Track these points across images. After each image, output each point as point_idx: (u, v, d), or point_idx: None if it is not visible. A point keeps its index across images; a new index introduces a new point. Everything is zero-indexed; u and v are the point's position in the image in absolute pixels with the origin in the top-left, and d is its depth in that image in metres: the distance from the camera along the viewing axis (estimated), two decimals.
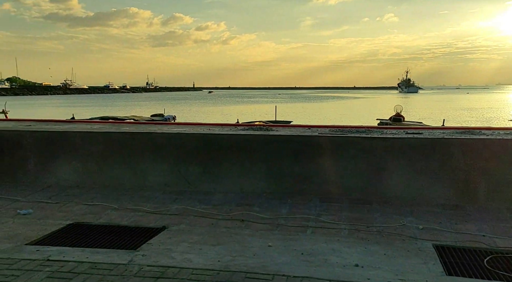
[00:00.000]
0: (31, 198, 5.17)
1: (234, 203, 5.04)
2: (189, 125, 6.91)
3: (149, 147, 5.64)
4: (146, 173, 5.62)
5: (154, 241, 3.92)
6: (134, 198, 5.22)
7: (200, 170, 5.49)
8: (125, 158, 5.67)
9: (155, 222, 4.47)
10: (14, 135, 5.80)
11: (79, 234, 4.15)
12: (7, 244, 3.76)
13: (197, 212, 4.74)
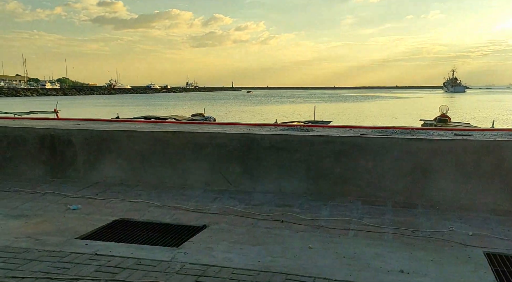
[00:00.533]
0: (80, 194, 5.40)
1: (273, 203, 5.03)
2: (229, 125, 6.98)
3: (190, 146, 5.73)
4: (187, 172, 5.72)
5: (195, 239, 3.98)
6: (176, 196, 5.33)
7: (240, 169, 5.52)
8: (167, 157, 5.80)
9: (196, 221, 4.54)
10: (65, 133, 6.08)
11: (124, 230, 4.29)
12: (59, 237, 3.95)
13: (237, 211, 4.77)
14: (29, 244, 3.73)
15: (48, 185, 5.74)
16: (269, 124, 6.90)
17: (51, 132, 6.10)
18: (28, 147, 6.12)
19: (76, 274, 3.14)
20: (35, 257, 3.45)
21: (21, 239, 3.87)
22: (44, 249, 3.62)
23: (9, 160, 6.15)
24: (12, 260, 3.38)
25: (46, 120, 8.20)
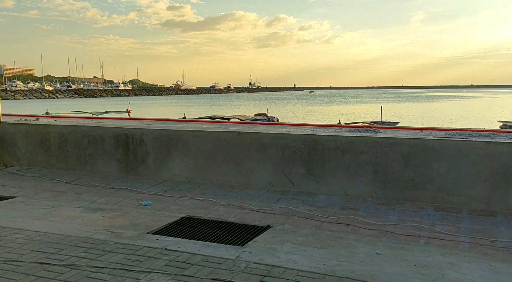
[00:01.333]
0: (150, 191, 5.69)
1: (338, 206, 4.93)
2: (293, 125, 6.95)
3: (254, 147, 5.79)
4: (251, 172, 5.79)
5: (259, 239, 4.01)
6: (240, 195, 5.42)
7: (304, 171, 5.48)
8: (232, 157, 5.91)
9: (260, 221, 4.58)
10: (138, 133, 6.44)
11: (191, 227, 4.44)
12: (132, 231, 4.18)
13: (301, 213, 4.73)
14: (107, 236, 4.00)
15: (122, 181, 6.11)
16: (333, 125, 6.77)
17: (125, 132, 6.48)
18: (105, 146, 6.56)
19: (148, 267, 3.30)
20: (111, 249, 3.68)
21: (100, 231, 4.16)
22: (120, 242, 3.85)
23: (89, 157, 6.64)
24: (92, 251, 3.64)
25: (120, 120, 8.74)
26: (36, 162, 6.85)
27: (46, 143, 6.81)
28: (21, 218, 4.54)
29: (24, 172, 6.55)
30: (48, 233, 4.05)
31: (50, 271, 3.23)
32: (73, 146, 6.68)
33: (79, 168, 6.62)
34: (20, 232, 4.10)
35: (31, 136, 6.90)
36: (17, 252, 3.59)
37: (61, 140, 6.74)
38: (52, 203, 5.18)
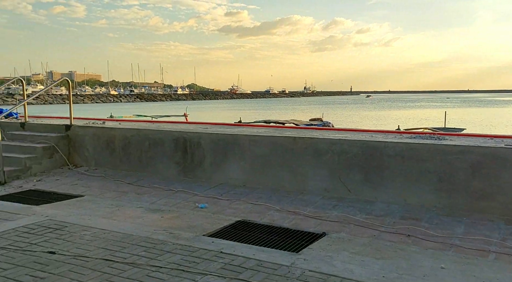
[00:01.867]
0: (206, 194, 5.81)
1: (398, 215, 4.72)
2: (350, 131, 6.78)
3: (310, 152, 5.73)
4: (306, 177, 5.72)
5: (314, 246, 3.94)
6: (295, 201, 5.37)
7: (361, 177, 5.32)
8: (287, 162, 5.89)
9: (315, 227, 4.51)
10: (196, 137, 6.62)
11: (246, 231, 4.47)
12: (189, 233, 4.29)
13: (358, 221, 4.59)
14: (165, 237, 4.13)
15: (179, 183, 6.30)
16: (393, 131, 6.52)
17: (184, 135, 6.69)
18: (165, 149, 6.80)
19: (204, 269, 3.36)
20: (170, 249, 3.80)
21: (159, 231, 4.31)
22: (177, 243, 3.96)
23: (149, 159, 6.92)
24: (152, 250, 3.78)
25: (179, 124, 9.04)
26: (102, 163, 7.27)
27: (111, 145, 7.20)
28: (88, 216, 4.83)
29: (91, 173, 6.97)
30: (112, 231, 4.27)
31: (113, 268, 3.39)
32: (135, 149, 7.01)
33: (140, 170, 6.92)
34: (87, 229, 4.35)
35: (98, 138, 7.33)
36: (85, 248, 3.81)
37: (125, 142, 7.09)
38: (115, 203, 5.45)
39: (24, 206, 5.23)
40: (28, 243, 3.92)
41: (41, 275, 3.25)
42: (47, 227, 4.39)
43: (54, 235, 4.14)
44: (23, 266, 3.41)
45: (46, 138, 7.36)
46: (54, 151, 7.24)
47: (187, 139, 6.64)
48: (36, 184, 6.40)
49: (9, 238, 4.04)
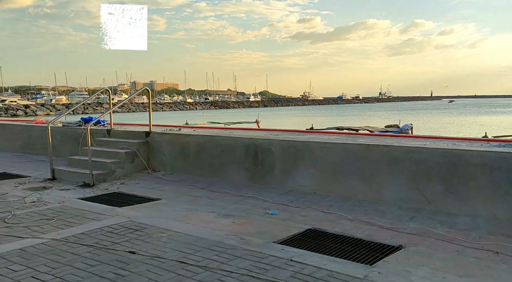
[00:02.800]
0: (276, 200, 5.80)
1: (484, 230, 4.32)
2: (429, 138, 6.38)
3: (385, 160, 5.48)
4: (381, 187, 5.47)
5: (390, 259, 3.74)
6: (368, 211, 5.16)
7: (442, 188, 4.96)
8: (360, 170, 5.68)
9: (390, 239, 4.28)
10: (266, 143, 6.66)
11: (316, 239, 4.37)
12: (259, 239, 4.31)
13: (439, 234, 4.28)
14: (236, 242, 4.19)
15: (249, 189, 6.37)
16: (479, 139, 6.01)
17: (254, 142, 6.77)
18: (236, 155, 6.94)
19: (273, 277, 3.34)
20: (240, 255, 3.84)
21: (230, 237, 4.39)
22: (248, 249, 4.00)
23: (221, 165, 7.10)
24: (223, 255, 3.85)
25: (250, 131, 9.18)
26: (177, 168, 7.61)
27: (186, 151, 7.52)
28: (165, 219, 5.06)
29: (168, 177, 7.33)
30: (186, 235, 4.43)
31: (187, 270, 3.50)
32: (207, 155, 7.24)
33: (212, 175, 7.13)
34: (163, 231, 4.56)
35: (174, 144, 7.69)
36: (161, 250, 4.00)
37: (198, 148, 7.36)
38: (189, 207, 5.66)
39: (109, 207, 5.63)
40: (112, 242, 4.20)
41: (123, 273, 3.46)
42: (128, 228, 4.68)
43: (134, 236, 4.40)
44: (107, 264, 3.66)
45: (128, 144, 7.89)
46: (135, 156, 7.73)
47: (257, 146, 6.70)
48: (119, 187, 6.88)
49: (96, 237, 4.37)
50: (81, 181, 7.15)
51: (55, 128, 9.21)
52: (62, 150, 8.98)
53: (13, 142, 10.54)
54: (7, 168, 8.50)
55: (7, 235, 4.40)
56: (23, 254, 3.87)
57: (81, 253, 3.91)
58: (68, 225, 4.77)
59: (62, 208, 5.52)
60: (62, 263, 3.68)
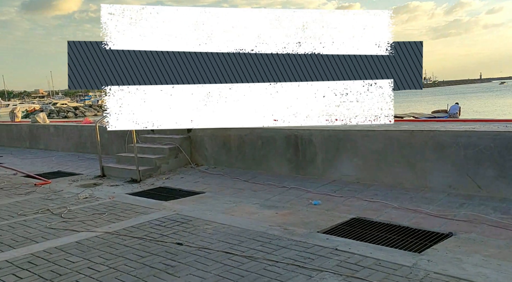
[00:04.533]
0: (319, 191, 5.77)
1: None
2: (478, 121, 6.09)
3: (430, 146, 5.29)
4: (427, 173, 5.30)
5: (439, 247, 3.63)
6: (414, 198, 5.02)
7: (495, 173, 4.73)
8: (404, 157, 5.53)
9: (439, 227, 4.15)
10: (307, 134, 6.62)
11: (361, 228, 4.31)
12: (303, 229, 4.31)
13: (492, 221, 4.09)
14: (280, 233, 4.22)
15: (292, 180, 6.37)
16: None
17: (295, 133, 6.74)
18: (277, 146, 6.95)
19: (319, 266, 3.34)
20: (285, 245, 3.87)
21: (274, 227, 4.42)
22: (292, 239, 4.02)
23: (262, 157, 7.15)
24: (267, 245, 3.89)
25: None
26: (220, 162, 7.74)
27: (227, 144, 7.62)
28: (210, 211, 5.18)
29: (211, 171, 7.47)
30: (231, 226, 4.51)
31: (233, 260, 3.58)
32: (249, 147, 7.30)
33: (254, 167, 7.19)
34: (209, 223, 4.67)
35: (216, 138, 7.82)
36: (208, 241, 4.10)
37: (239, 142, 7.44)
38: (233, 199, 5.75)
39: (156, 201, 5.84)
40: (160, 235, 4.36)
41: (172, 264, 3.59)
42: (175, 220, 4.83)
43: (181, 228, 4.54)
44: (157, 255, 3.81)
45: (172, 140, 8.11)
46: (179, 152, 7.94)
47: (298, 136, 6.68)
48: (165, 181, 7.10)
49: (145, 230, 4.55)
50: (128, 177, 7.45)
51: (103, 127, 9.63)
52: (110, 148, 9.38)
53: (66, 142, 11.14)
54: (62, 167, 9.01)
55: (64, 229, 4.68)
56: (79, 247, 4.10)
57: (132, 245, 4.09)
58: (119, 219, 5.00)
59: (113, 203, 5.78)
60: (115, 254, 3.86)
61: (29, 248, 4.13)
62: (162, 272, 3.43)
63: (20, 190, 6.82)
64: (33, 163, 9.59)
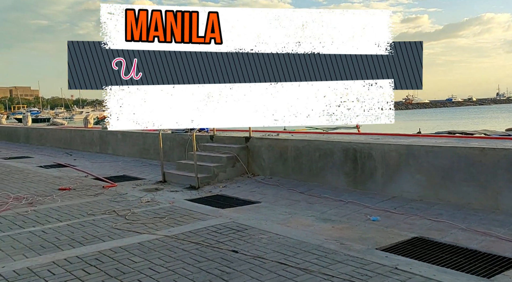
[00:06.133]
0: (378, 206, 5.57)
1: None
2: None
3: (503, 165, 4.93)
4: (499, 194, 4.93)
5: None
6: (484, 220, 4.68)
7: None
8: (473, 175, 5.19)
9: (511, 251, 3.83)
10: (366, 147, 6.45)
11: (423, 248, 4.10)
12: (361, 245, 4.18)
13: None
14: (336, 247, 4.12)
15: (349, 194, 6.22)
16: None
17: (354, 146, 6.60)
18: (334, 159, 6.83)
19: None
20: (341, 260, 3.77)
21: (330, 241, 4.33)
22: (349, 254, 3.90)
23: (319, 169, 7.06)
24: (323, 259, 3.82)
25: (350, 135, 8.97)
26: (276, 172, 7.75)
27: (284, 155, 7.62)
28: (265, 221, 5.19)
29: (267, 181, 7.51)
30: (286, 237, 4.48)
31: (288, 272, 3.55)
32: (306, 159, 7.24)
33: (311, 180, 7.11)
34: (264, 233, 4.68)
35: (273, 149, 7.86)
36: (262, 250, 4.11)
37: (297, 153, 7.41)
38: (288, 210, 5.72)
39: (213, 208, 5.96)
40: (216, 241, 4.44)
41: (227, 270, 3.63)
42: (231, 228, 4.90)
43: (237, 236, 4.59)
44: (213, 261, 3.88)
45: (230, 149, 8.28)
46: (236, 161, 8.07)
47: (357, 150, 6.52)
48: (222, 190, 7.24)
49: (202, 235, 4.66)
50: (187, 183, 7.69)
51: (165, 135, 10.06)
52: (171, 155, 9.76)
53: (131, 147, 11.77)
54: (127, 171, 9.51)
55: (128, 230, 4.92)
56: (141, 248, 4.29)
57: (190, 249, 4.21)
58: (178, 224, 5.16)
59: (172, 208, 5.99)
60: (174, 257, 3.99)
61: (97, 246, 4.39)
62: (218, 278, 3.48)
63: (90, 191, 7.30)
64: (102, 167, 10.23)
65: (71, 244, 4.49)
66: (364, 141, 6.69)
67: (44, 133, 16.30)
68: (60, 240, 4.62)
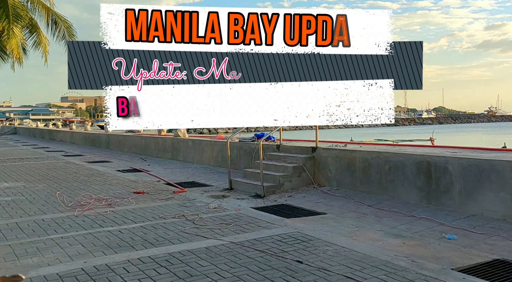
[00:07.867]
0: (455, 224, 5.20)
1: None
2: None
3: None
4: None
5: None
6: None
7: None
8: None
9: None
10: (441, 161, 6.07)
11: (506, 272, 3.74)
12: (434, 264, 3.92)
13: None
14: (407, 264, 3.91)
15: (422, 210, 5.88)
16: None
17: (428, 159, 6.24)
18: (406, 172, 6.51)
19: None
20: (412, 278, 3.56)
21: (400, 257, 4.12)
22: (421, 273, 3.68)
23: (389, 182, 6.76)
24: (392, 276, 3.64)
25: (422, 147, 8.50)
26: (343, 184, 7.57)
27: (352, 167, 7.42)
28: (330, 233, 5.08)
29: (333, 192, 7.35)
30: (352, 250, 4.35)
31: None
32: (375, 171, 6.99)
33: (380, 193, 6.83)
34: (329, 245, 4.58)
35: (340, 160, 7.69)
36: (328, 263, 4.02)
37: (365, 165, 7.18)
38: (355, 223, 5.54)
39: (278, 218, 5.96)
40: (281, 250, 4.42)
41: (291, 280, 3.60)
42: (295, 238, 4.86)
43: (301, 246, 4.54)
44: (277, 270, 3.87)
45: (296, 159, 8.24)
46: (302, 171, 8.01)
47: (431, 163, 6.16)
48: (287, 199, 7.22)
49: (267, 244, 4.67)
50: (253, 192, 7.78)
51: (233, 143, 10.29)
52: (238, 163, 9.95)
53: (200, 155, 12.21)
54: (196, 178, 9.87)
55: (195, 235, 5.09)
56: (208, 252, 4.41)
57: (254, 257, 4.24)
58: (243, 231, 5.23)
59: (238, 215, 6.09)
60: (239, 264, 4.04)
61: (167, 248, 4.59)
62: None
63: (161, 196, 7.67)
64: (173, 173, 10.71)
65: (144, 244, 4.75)
66: (440, 154, 6.31)
67: (123, 140, 17.48)
68: (135, 240, 4.90)
